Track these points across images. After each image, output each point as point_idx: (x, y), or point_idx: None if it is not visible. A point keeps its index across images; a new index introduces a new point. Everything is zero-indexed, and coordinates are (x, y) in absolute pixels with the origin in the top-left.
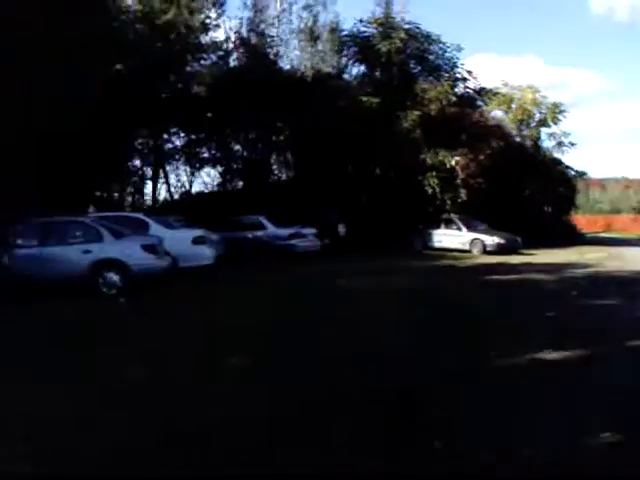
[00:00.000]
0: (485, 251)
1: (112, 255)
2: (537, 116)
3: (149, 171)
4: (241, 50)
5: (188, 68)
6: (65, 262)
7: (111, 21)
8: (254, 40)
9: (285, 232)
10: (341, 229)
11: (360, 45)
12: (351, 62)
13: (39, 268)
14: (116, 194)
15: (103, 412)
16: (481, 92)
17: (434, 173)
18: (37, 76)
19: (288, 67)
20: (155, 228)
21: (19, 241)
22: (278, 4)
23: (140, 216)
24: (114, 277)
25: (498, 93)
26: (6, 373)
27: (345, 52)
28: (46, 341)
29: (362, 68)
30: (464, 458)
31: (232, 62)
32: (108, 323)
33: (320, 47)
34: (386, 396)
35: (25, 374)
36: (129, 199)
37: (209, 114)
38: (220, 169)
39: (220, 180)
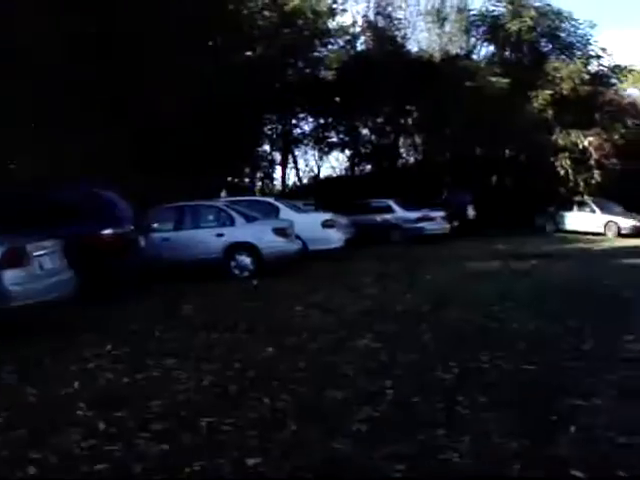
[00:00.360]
0: (620, 234)
1: (244, 239)
2: None
3: (278, 156)
4: (368, 34)
5: (315, 53)
6: (199, 245)
7: (241, 9)
8: (381, 23)
9: (414, 215)
10: (470, 211)
11: (489, 25)
12: (480, 42)
13: (174, 251)
14: (247, 179)
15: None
16: (616, 70)
17: (566, 154)
18: (176, 67)
19: (416, 49)
20: (285, 212)
21: (155, 225)
22: None
23: (270, 200)
24: (246, 260)
25: (634, 70)
26: (158, 356)
27: (474, 32)
28: (184, 323)
29: (491, 48)
30: (599, 442)
31: (359, 46)
32: (244, 305)
33: (448, 28)
34: (521, 378)
35: (170, 357)
36: (259, 184)
37: (337, 99)
38: (348, 153)
39: (348, 164)
